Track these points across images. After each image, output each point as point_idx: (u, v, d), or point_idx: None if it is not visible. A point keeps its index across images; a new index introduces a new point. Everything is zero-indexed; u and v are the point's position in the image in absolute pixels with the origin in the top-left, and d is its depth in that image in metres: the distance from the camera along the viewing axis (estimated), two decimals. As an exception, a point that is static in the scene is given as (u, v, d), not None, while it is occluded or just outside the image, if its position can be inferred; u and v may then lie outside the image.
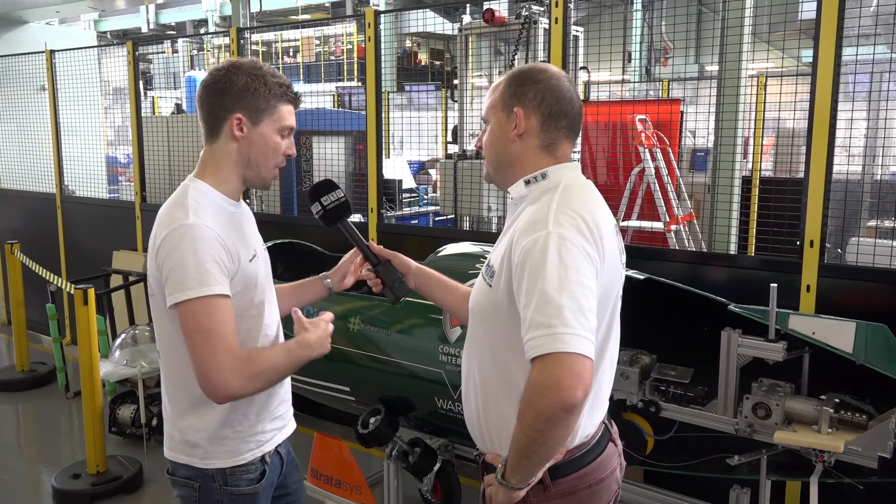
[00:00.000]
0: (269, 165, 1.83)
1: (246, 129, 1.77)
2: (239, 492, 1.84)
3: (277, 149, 1.81)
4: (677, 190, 5.51)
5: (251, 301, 1.81)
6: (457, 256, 3.19)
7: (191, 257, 1.65)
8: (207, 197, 1.78)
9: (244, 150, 1.79)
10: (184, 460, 1.84)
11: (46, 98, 6.46)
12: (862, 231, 4.40)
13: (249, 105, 1.76)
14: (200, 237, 1.67)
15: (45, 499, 3.97)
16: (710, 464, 2.77)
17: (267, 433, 1.89)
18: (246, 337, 1.81)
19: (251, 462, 1.85)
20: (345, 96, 10.99)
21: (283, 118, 1.81)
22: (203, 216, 1.71)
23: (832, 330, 2.43)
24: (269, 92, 1.78)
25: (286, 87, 1.81)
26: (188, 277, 1.64)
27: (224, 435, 1.81)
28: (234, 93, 1.76)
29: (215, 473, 1.82)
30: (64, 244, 6.54)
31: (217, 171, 1.82)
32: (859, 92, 3.98)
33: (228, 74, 1.77)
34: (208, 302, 1.65)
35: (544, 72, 1.65)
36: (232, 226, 1.79)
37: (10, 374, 5.66)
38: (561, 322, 1.38)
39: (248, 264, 1.78)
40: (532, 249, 1.45)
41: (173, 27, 21.44)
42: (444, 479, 3.40)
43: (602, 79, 8.39)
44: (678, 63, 11.45)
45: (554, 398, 1.35)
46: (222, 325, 1.65)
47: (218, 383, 1.65)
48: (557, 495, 1.58)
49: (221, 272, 1.68)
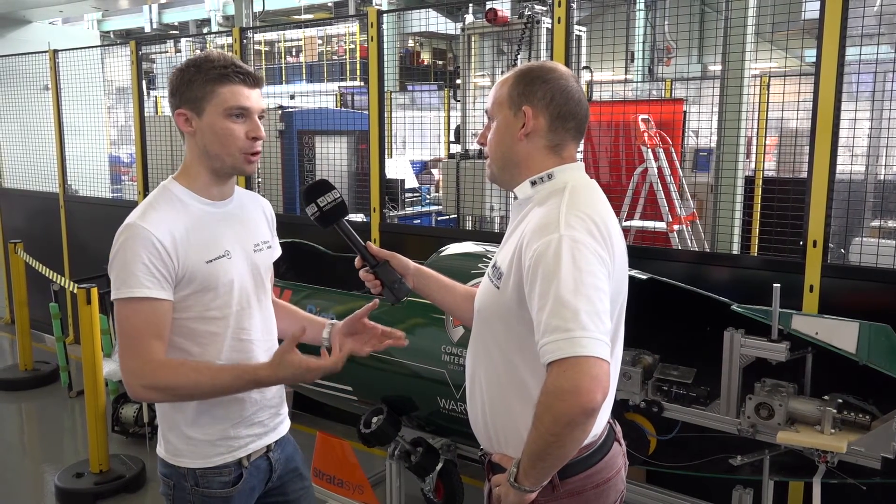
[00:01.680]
0: (229, 152, 1.75)
1: (194, 122, 1.75)
2: (210, 493, 1.82)
3: (229, 133, 1.73)
4: (680, 190, 5.50)
5: (209, 303, 1.76)
6: (459, 256, 3.19)
7: (120, 258, 1.68)
8: (174, 197, 1.77)
9: (200, 142, 1.77)
10: (162, 455, 1.86)
11: (50, 98, 6.47)
12: (865, 231, 4.39)
13: (188, 97, 1.73)
14: (134, 237, 1.67)
15: (49, 498, 3.98)
16: (712, 464, 2.77)
17: (241, 438, 1.85)
18: (209, 339, 1.78)
19: (224, 465, 1.83)
20: (347, 96, 10.99)
21: (225, 100, 1.72)
22: (150, 217, 1.70)
23: (835, 330, 2.43)
24: (204, 78, 1.72)
25: (228, 68, 1.72)
26: (116, 278, 1.68)
27: (191, 435, 1.81)
28: (175, 91, 1.76)
29: (187, 473, 1.82)
30: (67, 243, 6.54)
31: (187, 170, 1.81)
32: (863, 92, 3.98)
33: (172, 75, 1.77)
34: (127, 304, 1.66)
35: (554, 71, 1.63)
36: (199, 225, 1.76)
37: (14, 374, 5.68)
38: (578, 325, 1.37)
39: (201, 266, 1.73)
40: (545, 253, 1.44)
41: (176, 27, 21.45)
42: (446, 478, 3.40)
43: (605, 78, 8.39)
44: (681, 63, 11.44)
45: (573, 402, 1.35)
46: (138, 327, 1.66)
47: (125, 381, 1.69)
48: (566, 495, 1.59)
49: (150, 274, 1.66)
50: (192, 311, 1.75)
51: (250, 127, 1.76)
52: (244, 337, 1.83)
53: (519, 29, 4.85)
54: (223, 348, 1.80)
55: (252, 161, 1.79)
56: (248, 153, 1.78)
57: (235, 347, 1.82)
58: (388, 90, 6.89)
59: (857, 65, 3.31)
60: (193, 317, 1.76)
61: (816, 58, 2.88)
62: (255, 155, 1.79)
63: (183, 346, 1.77)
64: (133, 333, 1.66)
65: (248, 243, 1.87)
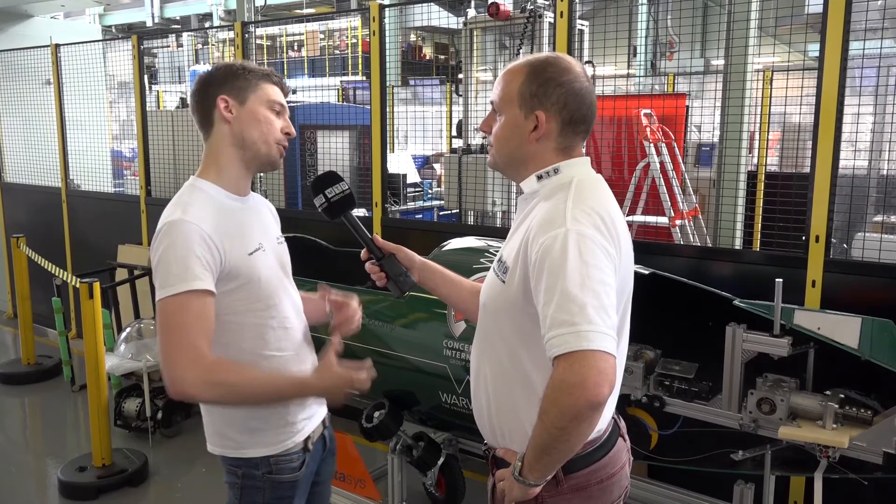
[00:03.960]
0: (267, 141, 1.84)
1: (235, 110, 1.82)
2: (281, 479, 1.87)
3: (270, 122, 1.84)
4: (682, 185, 5.49)
5: (255, 295, 1.81)
6: (461, 251, 3.19)
7: (172, 254, 1.68)
8: (205, 194, 1.80)
9: (237, 130, 1.82)
10: (219, 452, 1.88)
11: (52, 92, 6.47)
12: (868, 226, 4.38)
13: (233, 86, 1.82)
14: (184, 233, 1.69)
15: (52, 491, 4.00)
16: (714, 459, 2.77)
17: (299, 423, 1.90)
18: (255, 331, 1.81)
19: (293, 450, 1.88)
20: (349, 91, 10.98)
21: (269, 94, 1.85)
22: (192, 213, 1.72)
23: (837, 325, 2.43)
24: (249, 73, 1.84)
25: (272, 74, 1.88)
26: (168, 274, 1.67)
27: (255, 427, 1.84)
28: (216, 81, 1.83)
29: (259, 461, 1.85)
30: (69, 238, 6.56)
31: (217, 164, 1.84)
32: (866, 86, 3.96)
33: (209, 71, 1.86)
34: (179, 299, 1.66)
35: (568, 72, 1.58)
36: (232, 222, 1.80)
37: (17, 368, 5.70)
38: (584, 319, 1.37)
39: (245, 259, 1.78)
40: (551, 247, 1.44)
41: (178, 21, 21.43)
42: (448, 473, 3.41)
43: (607, 73, 8.37)
44: (684, 57, 11.40)
45: (580, 396, 1.35)
46: (192, 321, 1.66)
47: (174, 378, 1.65)
48: (570, 490, 1.59)
49: (204, 268, 1.68)
50: (240, 304, 1.78)
51: (286, 123, 1.88)
52: (287, 325, 1.88)
53: (521, 23, 4.84)
54: (270, 338, 1.83)
55: (282, 154, 1.89)
56: (280, 143, 1.87)
57: (281, 336, 1.86)
58: (390, 85, 6.88)
59: (861, 59, 3.29)
60: (242, 310, 1.79)
61: (820, 52, 2.88)
62: (285, 149, 1.89)
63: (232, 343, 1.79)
64: (185, 329, 1.65)
65: (271, 237, 1.94)
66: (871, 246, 3.01)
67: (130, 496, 3.90)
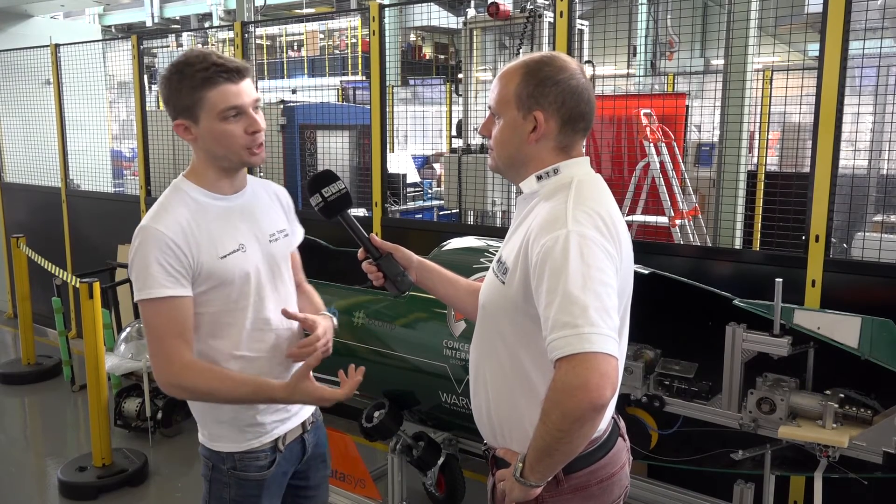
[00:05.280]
0: (234, 151, 1.78)
1: (194, 130, 1.77)
2: (246, 476, 1.88)
3: (228, 135, 1.75)
4: (682, 184, 5.49)
5: (227, 296, 1.80)
6: (461, 251, 3.19)
7: (137, 261, 1.72)
8: (186, 195, 1.80)
9: (204, 147, 1.80)
10: (201, 440, 1.93)
11: (51, 92, 6.47)
12: (868, 226, 4.38)
13: (181, 108, 1.75)
14: (147, 240, 1.71)
15: (52, 491, 3.99)
16: (714, 459, 2.77)
17: (267, 424, 1.89)
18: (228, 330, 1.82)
19: (260, 449, 1.88)
20: (349, 90, 10.98)
21: (216, 104, 1.72)
22: (162, 218, 1.73)
23: (837, 325, 2.43)
24: (189, 84, 1.72)
25: (209, 69, 1.71)
26: (136, 280, 1.72)
27: (223, 421, 1.86)
28: (167, 101, 1.78)
29: (226, 456, 1.87)
30: (69, 238, 6.55)
31: (195, 168, 1.86)
32: (866, 86, 3.96)
33: (160, 83, 1.79)
34: (149, 305, 1.71)
35: (564, 70, 1.58)
36: (213, 222, 1.79)
37: (17, 368, 5.69)
38: (586, 321, 1.36)
39: (216, 262, 1.77)
40: (552, 248, 1.43)
41: (178, 21, 21.43)
42: (447, 472, 3.41)
43: (607, 73, 8.37)
44: (683, 57, 11.40)
45: (583, 398, 1.35)
46: (160, 327, 1.72)
47: (157, 378, 1.75)
48: (570, 490, 1.59)
49: (167, 273, 1.70)
50: (212, 305, 1.80)
51: (247, 123, 1.77)
52: (263, 326, 1.87)
53: (521, 23, 4.84)
54: (243, 338, 1.84)
55: (257, 153, 1.81)
56: (250, 148, 1.79)
57: (255, 337, 1.86)
58: (389, 85, 6.88)
59: (861, 59, 3.29)
60: (214, 311, 1.80)
61: (819, 52, 2.87)
62: (259, 147, 1.81)
63: (206, 339, 1.82)
64: (157, 333, 1.73)
65: (263, 235, 1.90)
66: (871, 245, 3.01)
67: (130, 496, 3.90)
